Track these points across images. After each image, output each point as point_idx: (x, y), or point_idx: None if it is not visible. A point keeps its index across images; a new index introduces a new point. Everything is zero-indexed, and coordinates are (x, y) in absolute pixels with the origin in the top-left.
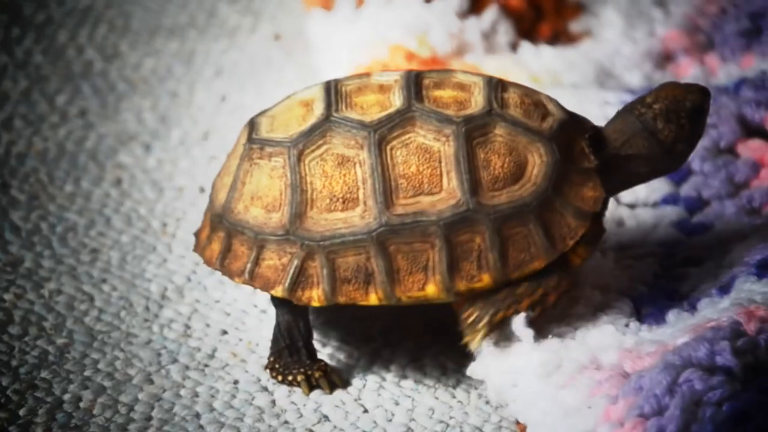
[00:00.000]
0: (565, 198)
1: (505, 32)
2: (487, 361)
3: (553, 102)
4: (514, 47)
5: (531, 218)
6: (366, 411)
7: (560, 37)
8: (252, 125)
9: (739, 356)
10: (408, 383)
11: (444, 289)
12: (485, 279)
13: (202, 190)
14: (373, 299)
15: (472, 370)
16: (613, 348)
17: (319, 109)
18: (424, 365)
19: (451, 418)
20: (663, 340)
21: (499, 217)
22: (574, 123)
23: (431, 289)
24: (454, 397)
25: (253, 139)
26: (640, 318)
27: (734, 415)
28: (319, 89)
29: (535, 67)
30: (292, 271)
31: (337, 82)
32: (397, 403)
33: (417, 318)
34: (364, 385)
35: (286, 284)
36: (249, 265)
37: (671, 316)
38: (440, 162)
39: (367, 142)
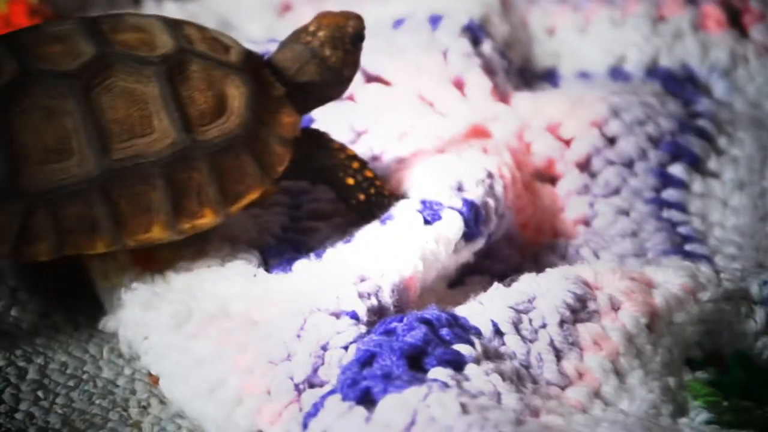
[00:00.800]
0: (267, 127)
1: None
2: (119, 314)
3: (225, 35)
4: (137, 2)
5: (242, 149)
6: None
7: None
8: None
9: (363, 300)
10: (40, 340)
11: (169, 229)
12: (207, 214)
13: None
14: (100, 246)
15: (104, 323)
16: (241, 297)
17: (6, 64)
18: (55, 321)
19: (84, 372)
20: (291, 288)
21: (213, 151)
22: (252, 54)
23: (157, 231)
24: (86, 351)
25: None
26: (268, 268)
27: (360, 356)
28: None
29: None
30: (14, 229)
31: (9, 36)
32: (29, 360)
33: (48, 274)
34: None
35: (10, 243)
36: None
37: (298, 266)
38: (147, 103)
39: (71, 91)
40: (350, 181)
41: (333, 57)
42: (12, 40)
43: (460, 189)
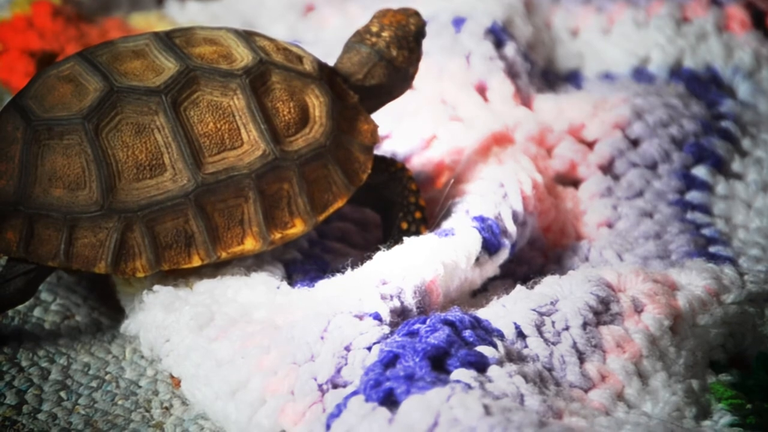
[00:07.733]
0: (348, 135)
1: None
2: (140, 316)
3: (292, 45)
4: (160, 2)
5: (328, 158)
6: (21, 370)
7: None
8: (20, 109)
9: (385, 301)
10: (63, 340)
11: (261, 240)
12: (297, 224)
13: None
14: (195, 260)
15: (126, 326)
16: (264, 305)
17: (92, 82)
18: (78, 322)
19: (107, 373)
20: (313, 296)
21: (302, 161)
22: (322, 63)
23: (249, 242)
24: (109, 352)
25: (33, 121)
26: (292, 283)
27: (384, 357)
28: (73, 63)
29: (182, 20)
30: (112, 246)
31: (88, 53)
32: (52, 361)
33: (66, 274)
34: (19, 344)
35: (108, 260)
36: (62, 247)
37: (321, 283)
38: (234, 116)
39: (160, 107)
40: (404, 225)
41: (400, 57)
42: (90, 57)
43: (475, 206)
